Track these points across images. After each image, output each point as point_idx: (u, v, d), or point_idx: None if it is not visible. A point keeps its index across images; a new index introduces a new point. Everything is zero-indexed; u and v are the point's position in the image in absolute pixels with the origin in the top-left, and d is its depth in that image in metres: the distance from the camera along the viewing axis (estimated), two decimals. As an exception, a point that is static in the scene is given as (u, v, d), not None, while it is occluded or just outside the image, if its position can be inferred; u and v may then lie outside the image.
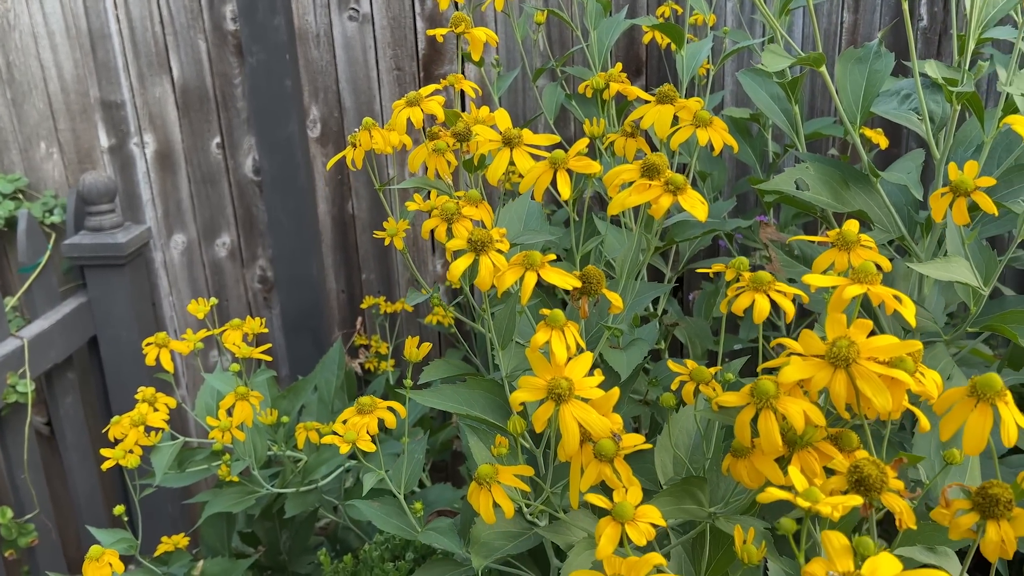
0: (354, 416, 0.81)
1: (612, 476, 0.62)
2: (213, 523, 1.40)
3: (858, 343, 0.57)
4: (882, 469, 0.53)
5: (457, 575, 1.04)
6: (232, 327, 1.18)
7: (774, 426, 0.57)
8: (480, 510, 0.68)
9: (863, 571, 0.47)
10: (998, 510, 0.51)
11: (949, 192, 0.72)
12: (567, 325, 0.66)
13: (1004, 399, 0.53)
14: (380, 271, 2.31)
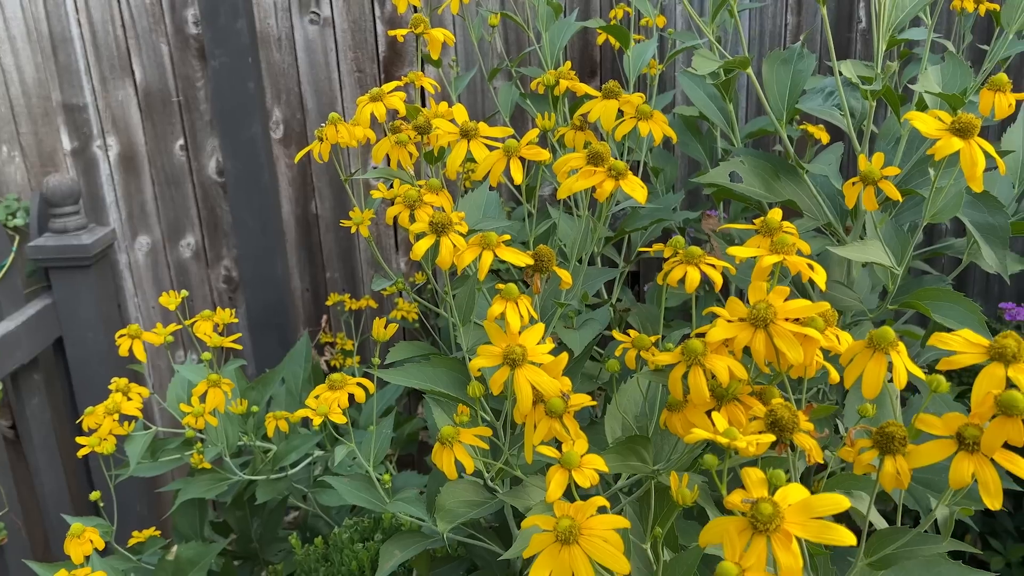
0: (326, 392, 0.87)
1: (561, 430, 0.68)
2: (185, 511, 1.44)
3: (776, 306, 0.64)
4: (794, 413, 0.61)
5: (424, 545, 1.10)
6: (203, 318, 1.23)
7: (702, 380, 0.65)
8: (443, 468, 0.74)
9: (775, 497, 0.54)
10: (894, 446, 0.59)
11: (859, 181, 0.80)
12: (520, 298, 0.73)
13: (896, 349, 0.60)
14: (344, 269, 2.35)
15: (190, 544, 1.29)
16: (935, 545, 0.67)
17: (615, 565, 0.61)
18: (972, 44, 1.98)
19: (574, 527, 0.62)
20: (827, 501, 0.53)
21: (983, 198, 0.96)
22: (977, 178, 0.69)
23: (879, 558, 0.71)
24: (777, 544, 0.53)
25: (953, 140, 0.70)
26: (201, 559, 1.29)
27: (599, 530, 0.63)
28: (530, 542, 0.65)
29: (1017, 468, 0.57)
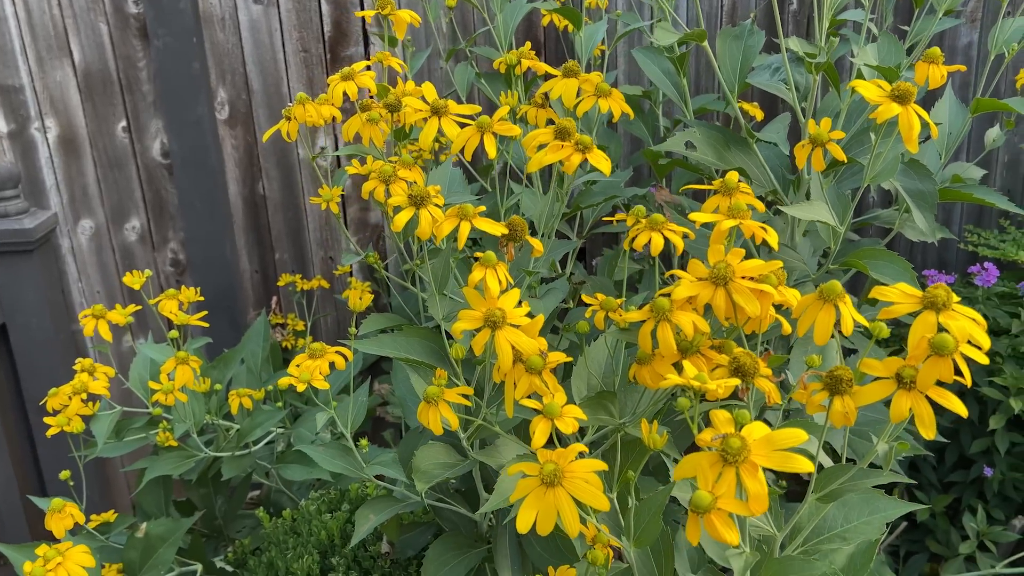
0: (306, 360, 0.90)
1: (541, 385, 0.74)
2: (150, 491, 1.45)
3: (734, 266, 0.71)
4: (755, 359, 0.67)
5: (397, 509, 1.15)
6: (167, 296, 1.24)
7: (670, 334, 0.71)
8: (429, 424, 0.79)
9: (742, 432, 0.60)
10: (842, 387, 0.66)
11: (809, 143, 0.87)
12: (498, 265, 0.77)
13: (844, 300, 0.67)
14: (293, 251, 2.36)
15: (159, 521, 1.31)
16: (876, 477, 0.75)
17: (596, 503, 0.67)
18: (894, 24, 2.10)
19: (558, 471, 0.68)
20: (788, 435, 0.60)
21: (914, 166, 1.05)
22: (913, 140, 0.77)
23: (826, 493, 0.78)
24: (745, 473, 0.59)
25: (893, 105, 0.77)
26: (171, 535, 1.31)
27: (580, 473, 0.68)
28: (516, 487, 0.70)
29: (948, 402, 0.64)
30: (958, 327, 0.63)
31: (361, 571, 1.31)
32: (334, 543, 1.36)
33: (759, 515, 0.58)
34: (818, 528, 0.91)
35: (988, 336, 0.65)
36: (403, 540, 1.31)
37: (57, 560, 0.96)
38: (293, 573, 1.32)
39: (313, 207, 2.34)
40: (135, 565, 1.31)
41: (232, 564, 1.46)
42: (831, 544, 0.88)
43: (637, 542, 0.81)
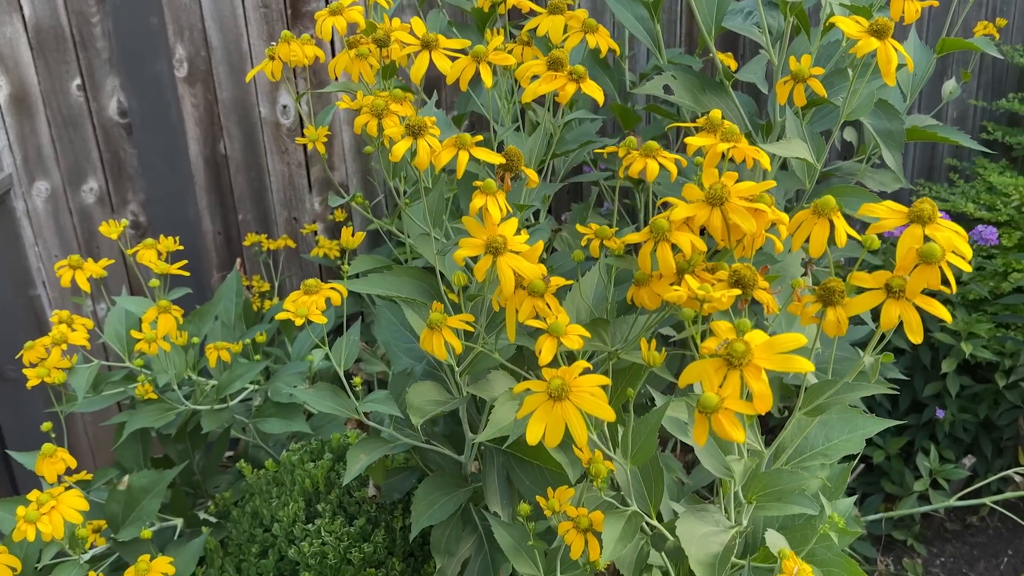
0: (302, 296, 0.91)
1: (544, 307, 0.76)
2: (128, 446, 1.44)
3: (729, 187, 0.73)
4: (754, 272, 0.70)
5: (386, 449, 1.17)
6: (145, 246, 1.23)
7: (669, 254, 0.73)
8: (434, 350, 0.80)
9: (745, 338, 0.63)
10: (834, 298, 0.70)
11: (790, 79, 0.90)
12: (497, 193, 0.79)
13: (837, 215, 0.71)
14: (257, 211, 2.34)
15: (142, 473, 1.30)
16: (861, 389, 0.79)
17: (602, 413, 0.70)
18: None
19: (565, 385, 0.70)
20: (788, 339, 0.63)
21: (882, 106, 1.09)
22: (891, 73, 0.80)
23: (814, 407, 0.82)
24: (749, 375, 0.62)
25: (872, 40, 0.80)
26: (154, 487, 1.30)
27: (586, 387, 0.71)
28: (523, 403, 0.72)
29: (933, 308, 0.68)
30: (944, 237, 0.67)
31: (347, 516, 1.32)
32: (319, 491, 1.37)
33: (764, 413, 0.61)
34: (800, 447, 0.95)
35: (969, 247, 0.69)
36: (389, 484, 1.33)
37: (51, 504, 0.96)
38: (279, 520, 1.33)
39: (276, 167, 2.32)
40: (118, 518, 1.31)
41: (215, 516, 1.46)
42: (813, 461, 0.93)
43: (633, 459, 0.84)
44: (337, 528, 1.28)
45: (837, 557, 0.99)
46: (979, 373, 2.26)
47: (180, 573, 1.26)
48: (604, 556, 0.83)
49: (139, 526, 1.27)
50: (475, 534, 1.26)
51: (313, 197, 2.39)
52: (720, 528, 0.94)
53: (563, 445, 1.02)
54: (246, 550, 1.34)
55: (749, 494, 0.85)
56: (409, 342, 1.23)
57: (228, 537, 1.40)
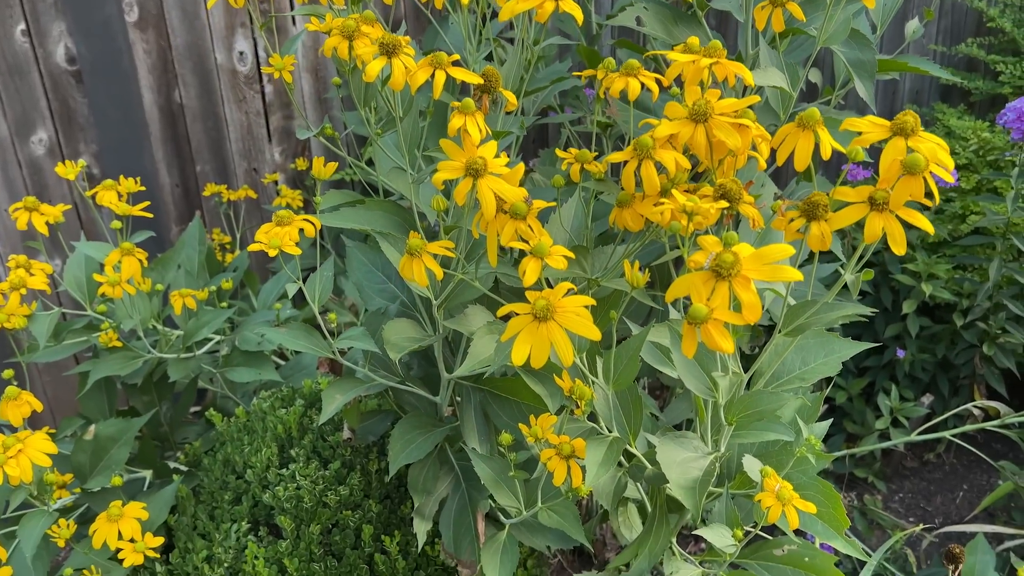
0: (274, 228, 0.88)
1: (527, 230, 0.75)
2: (93, 396, 1.40)
3: (712, 102, 0.72)
4: (740, 185, 0.70)
5: (362, 389, 1.15)
6: (105, 187, 1.18)
7: (653, 171, 0.72)
8: (415, 277, 0.79)
9: (733, 249, 0.63)
10: (818, 212, 0.69)
11: (768, 4, 0.89)
12: (476, 113, 0.77)
13: (821, 127, 0.70)
14: (215, 162, 2.28)
15: (109, 422, 1.27)
16: (841, 309, 0.80)
17: (588, 332, 0.69)
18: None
19: (550, 306, 0.69)
20: (776, 250, 0.63)
21: (855, 36, 1.09)
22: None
23: (793, 328, 0.82)
24: (738, 286, 0.62)
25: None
26: (122, 435, 1.28)
27: (571, 307, 0.70)
28: (507, 326, 0.71)
29: (916, 220, 0.68)
30: (927, 149, 0.67)
31: (321, 461, 1.31)
32: (291, 436, 1.35)
33: (753, 323, 0.61)
34: (778, 372, 0.96)
35: (950, 156, 0.69)
36: (363, 427, 1.32)
37: (17, 447, 0.93)
38: (252, 467, 1.31)
39: (234, 116, 2.25)
40: (85, 468, 1.28)
41: (185, 465, 1.44)
42: (791, 385, 0.94)
43: (615, 384, 0.84)
44: (312, 472, 1.27)
45: (813, 481, 1.00)
46: (937, 314, 2.31)
47: (152, 521, 1.24)
48: (588, 480, 0.83)
49: (108, 475, 1.25)
50: (452, 473, 1.26)
51: (273, 147, 2.33)
52: (699, 454, 0.95)
53: (542, 377, 1.02)
54: (219, 497, 1.33)
55: (729, 416, 0.86)
56: (382, 283, 1.21)
57: (200, 485, 1.38)
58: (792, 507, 0.80)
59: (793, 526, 0.81)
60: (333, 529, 1.26)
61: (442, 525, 1.21)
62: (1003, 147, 2.23)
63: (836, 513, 0.99)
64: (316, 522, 1.24)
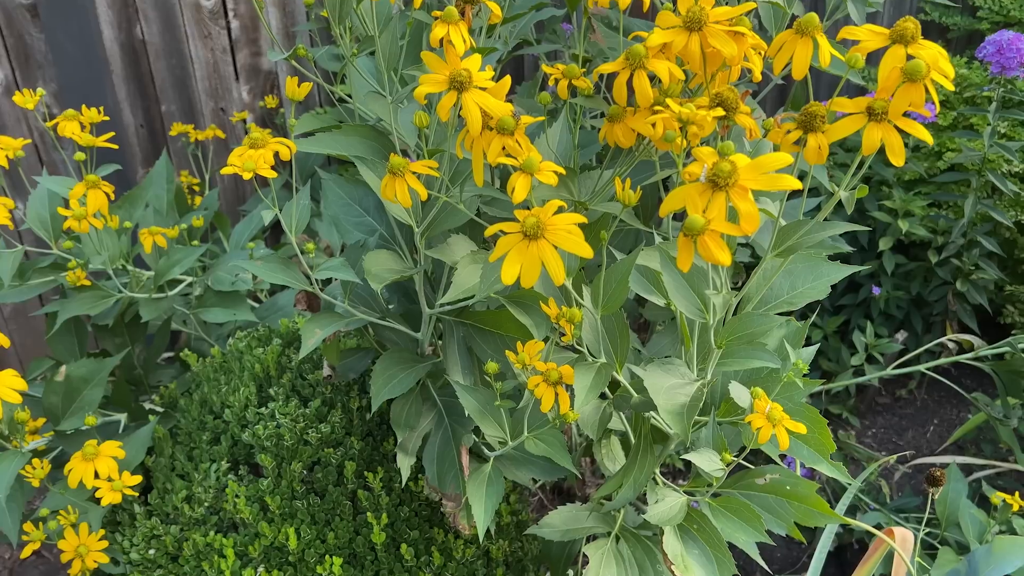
0: (248, 151, 0.85)
1: (515, 146, 0.72)
2: (63, 338, 1.36)
3: (707, 10, 0.70)
4: (736, 95, 0.68)
5: (341, 324, 1.13)
6: (66, 118, 1.13)
7: (646, 82, 0.70)
8: (396, 196, 0.76)
9: (730, 157, 0.61)
10: (815, 124, 0.68)
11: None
12: (460, 23, 0.73)
13: (820, 33, 0.68)
14: (181, 102, 2.20)
15: (80, 362, 1.24)
16: (832, 228, 0.78)
17: (580, 250, 0.67)
18: None
19: (540, 223, 0.67)
20: (775, 158, 0.61)
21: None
22: None
23: (784, 248, 0.81)
24: (736, 196, 0.60)
25: None
26: (95, 376, 1.24)
27: (562, 225, 0.68)
28: (497, 245, 0.69)
29: (915, 130, 0.67)
30: (928, 55, 0.65)
31: (301, 399, 1.29)
32: (269, 375, 1.33)
33: (751, 234, 0.60)
34: (766, 297, 0.95)
35: (950, 76, 0.67)
36: (344, 365, 1.29)
37: (-17, 384, 0.90)
38: (230, 406, 1.29)
39: (199, 53, 2.17)
40: (57, 410, 1.25)
41: (161, 407, 1.41)
42: (779, 310, 0.93)
43: (605, 308, 0.83)
44: (292, 411, 1.25)
45: (799, 407, 1.00)
46: (912, 252, 2.33)
47: (129, 462, 1.22)
48: (576, 405, 0.82)
49: (81, 417, 1.22)
50: (434, 409, 1.24)
51: (241, 86, 2.26)
52: (686, 381, 0.95)
53: (527, 307, 1.01)
54: (197, 438, 1.30)
55: (719, 339, 0.85)
56: (359, 216, 1.18)
57: (177, 427, 1.36)
58: (782, 428, 0.80)
59: (783, 447, 0.80)
60: (315, 467, 1.24)
61: (425, 460, 1.20)
62: (980, 82, 2.23)
63: (822, 438, 1.00)
64: (297, 460, 1.22)
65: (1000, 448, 2.13)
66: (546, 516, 1.18)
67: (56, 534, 1.09)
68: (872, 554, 1.32)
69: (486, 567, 1.30)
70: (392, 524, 1.23)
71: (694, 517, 1.09)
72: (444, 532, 1.26)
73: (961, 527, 1.55)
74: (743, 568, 1.93)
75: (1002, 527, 1.54)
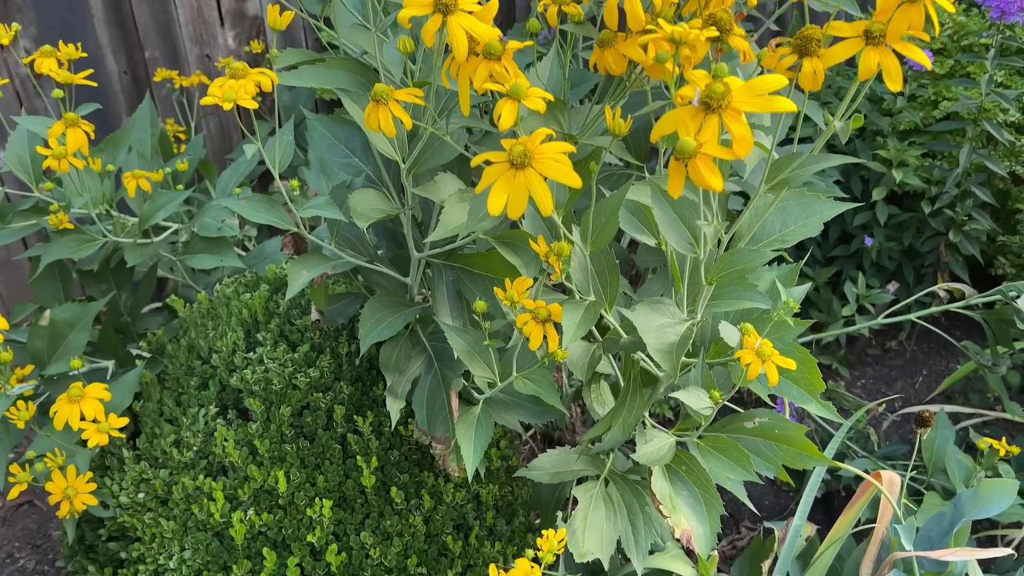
0: (228, 81, 0.82)
1: (502, 72, 0.70)
2: (47, 283, 1.34)
3: (701, -70, 0.67)
4: (730, 15, 0.66)
5: (328, 267, 1.11)
6: (43, 54, 1.10)
7: (638, 4, 0.68)
8: (380, 126, 0.74)
9: (724, 80, 0.59)
10: (811, 47, 0.66)
11: None
12: (444, -58, 0.71)
13: (816, -47, 0.66)
14: (165, 48, 2.16)
15: (65, 306, 1.22)
16: (826, 160, 0.77)
17: (568, 180, 0.65)
18: None
19: (527, 151, 0.65)
20: (769, 80, 0.59)
21: None
22: None
23: (777, 182, 0.80)
24: (729, 118, 0.58)
25: None
26: (80, 320, 1.23)
27: (550, 153, 0.66)
28: (483, 176, 0.68)
29: (912, 54, 0.65)
30: (927, -25, 0.63)
31: (289, 344, 1.28)
32: (257, 321, 1.32)
33: (744, 157, 0.58)
34: (757, 236, 0.94)
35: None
36: (332, 310, 1.28)
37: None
38: (217, 351, 1.28)
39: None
40: (43, 355, 1.24)
41: (149, 352, 1.40)
42: (771, 248, 0.92)
43: (594, 243, 0.82)
44: (280, 355, 1.24)
45: (789, 347, 1.00)
46: (906, 203, 2.31)
47: (116, 406, 1.21)
48: (564, 342, 0.81)
49: (67, 362, 1.21)
50: (424, 354, 1.23)
51: (226, 32, 2.21)
52: (676, 320, 0.94)
53: (516, 247, 0.99)
54: (184, 383, 1.30)
55: (709, 275, 0.84)
56: (346, 157, 1.15)
57: (164, 372, 1.35)
58: (772, 364, 0.79)
59: (772, 383, 0.80)
60: (304, 411, 1.24)
61: (415, 404, 1.20)
62: (978, 30, 2.19)
63: (812, 377, 0.99)
64: (286, 404, 1.22)
65: (988, 398, 2.15)
66: (536, 459, 1.18)
67: (44, 476, 1.09)
68: (859, 497, 1.33)
69: (476, 510, 1.31)
70: (382, 468, 1.23)
71: (682, 459, 1.09)
72: (434, 476, 1.26)
73: (948, 473, 1.57)
74: (732, 515, 1.95)
75: (988, 472, 1.55)
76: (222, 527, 1.18)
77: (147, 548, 1.21)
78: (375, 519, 1.21)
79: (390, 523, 1.20)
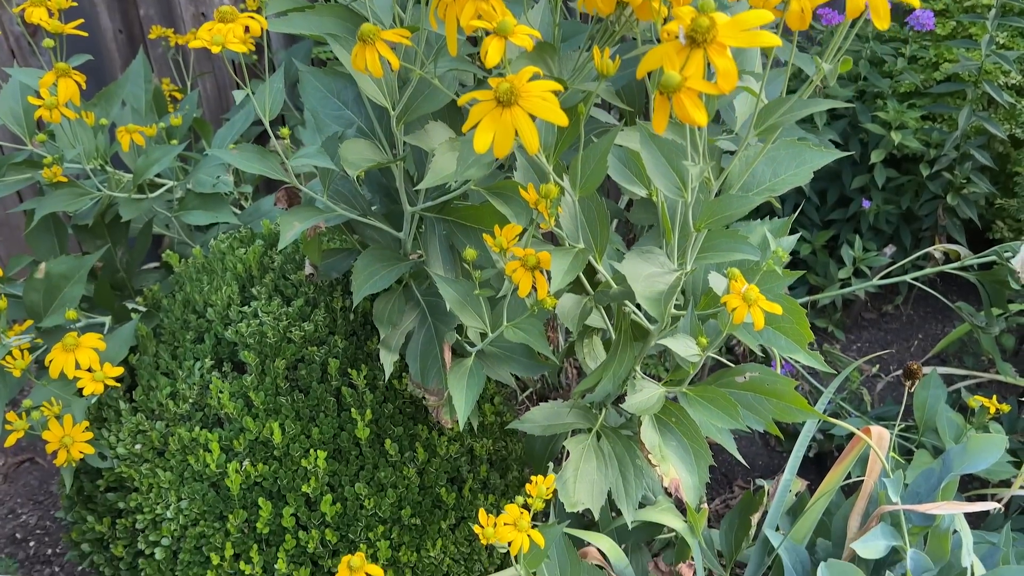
0: (217, 25, 0.82)
1: (489, 10, 0.70)
2: (42, 237, 1.35)
3: None
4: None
5: (320, 218, 1.12)
6: (33, 3, 1.09)
7: (627, -58, 0.67)
8: (368, 66, 0.74)
9: (710, 14, 0.59)
10: (799, -16, 0.65)
11: None
12: None
13: None
14: (159, 6, 2.14)
15: (60, 259, 1.23)
16: (815, 105, 0.77)
17: (554, 118, 0.65)
18: None
19: (514, 89, 0.65)
20: (755, 14, 0.59)
21: None
22: None
23: (766, 127, 0.80)
24: (714, 53, 0.58)
25: None
26: (75, 273, 1.24)
27: (536, 92, 0.66)
28: (470, 114, 0.68)
29: (901, -7, 0.64)
30: (917, -89, 0.62)
31: (284, 298, 1.29)
32: (252, 275, 1.32)
33: (728, 92, 0.58)
34: (747, 184, 0.94)
35: None
36: (326, 264, 1.29)
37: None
38: (212, 305, 1.29)
39: (178, -45, 2.10)
40: (39, 307, 1.24)
41: (145, 307, 1.41)
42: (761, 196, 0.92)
43: (583, 188, 0.82)
44: (275, 309, 1.25)
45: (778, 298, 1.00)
46: (904, 166, 2.31)
47: (112, 358, 1.22)
48: (552, 287, 0.82)
49: (63, 313, 1.21)
50: (418, 308, 1.24)
51: (222, -10, 2.19)
52: (665, 270, 0.94)
53: (507, 198, 0.99)
54: (180, 337, 1.30)
55: (698, 222, 0.84)
56: (338, 109, 1.15)
57: (160, 326, 1.36)
58: (758, 308, 0.80)
59: (758, 326, 0.80)
60: (299, 364, 1.25)
61: (409, 358, 1.20)
62: (981, -10, 2.17)
63: (800, 328, 1.00)
64: (281, 357, 1.23)
65: (981, 360, 2.16)
66: (528, 412, 1.19)
67: (41, 425, 1.10)
68: (849, 452, 1.34)
69: (470, 464, 1.32)
70: (376, 420, 1.24)
71: (672, 410, 1.10)
72: (428, 429, 1.27)
73: (938, 431, 1.58)
74: (726, 474, 1.97)
75: (978, 431, 1.56)
76: (218, 477, 1.19)
77: (144, 498, 1.22)
78: (369, 471, 1.22)
79: (384, 475, 1.22)
